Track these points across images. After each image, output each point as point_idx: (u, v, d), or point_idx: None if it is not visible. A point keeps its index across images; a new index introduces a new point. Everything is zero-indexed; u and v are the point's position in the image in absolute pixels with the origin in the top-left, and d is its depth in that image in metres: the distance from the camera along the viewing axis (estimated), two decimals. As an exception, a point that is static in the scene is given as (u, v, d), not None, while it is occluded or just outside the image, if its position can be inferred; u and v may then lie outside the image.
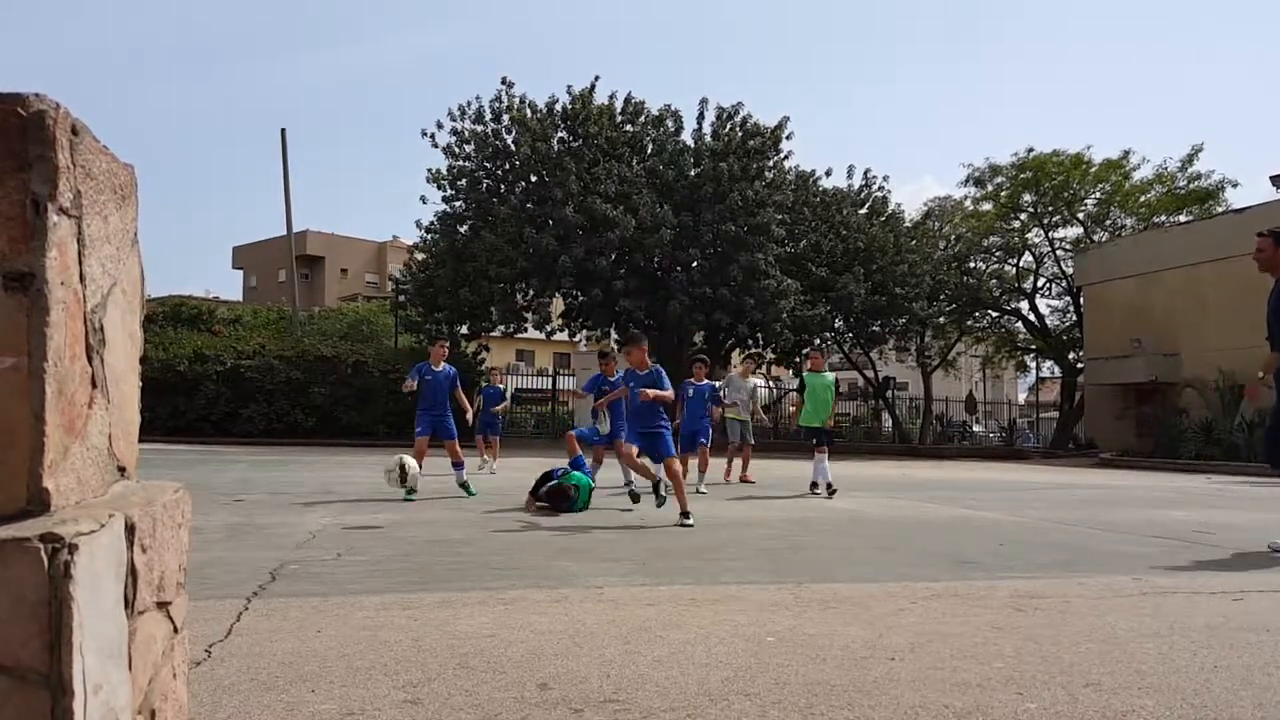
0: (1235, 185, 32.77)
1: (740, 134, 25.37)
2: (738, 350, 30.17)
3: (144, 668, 1.39)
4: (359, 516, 7.07)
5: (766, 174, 25.73)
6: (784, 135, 26.14)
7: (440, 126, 25.88)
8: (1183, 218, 31.39)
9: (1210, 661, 3.13)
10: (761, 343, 28.23)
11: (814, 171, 28.68)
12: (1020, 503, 10.51)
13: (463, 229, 26.42)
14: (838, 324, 29.99)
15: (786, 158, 26.93)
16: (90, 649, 1.17)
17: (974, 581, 4.76)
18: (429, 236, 26.94)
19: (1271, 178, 27.00)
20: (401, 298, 28.80)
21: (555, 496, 7.88)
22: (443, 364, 9.72)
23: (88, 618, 1.17)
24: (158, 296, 39.48)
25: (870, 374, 34.95)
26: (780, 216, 25.36)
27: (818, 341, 28.38)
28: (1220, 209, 30.55)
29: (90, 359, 1.37)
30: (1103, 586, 4.68)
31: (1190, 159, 31.81)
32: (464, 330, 27.00)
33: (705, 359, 12.41)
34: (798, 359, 31.00)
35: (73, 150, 1.30)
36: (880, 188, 30.00)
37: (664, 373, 7.82)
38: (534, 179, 25.71)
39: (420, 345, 26.72)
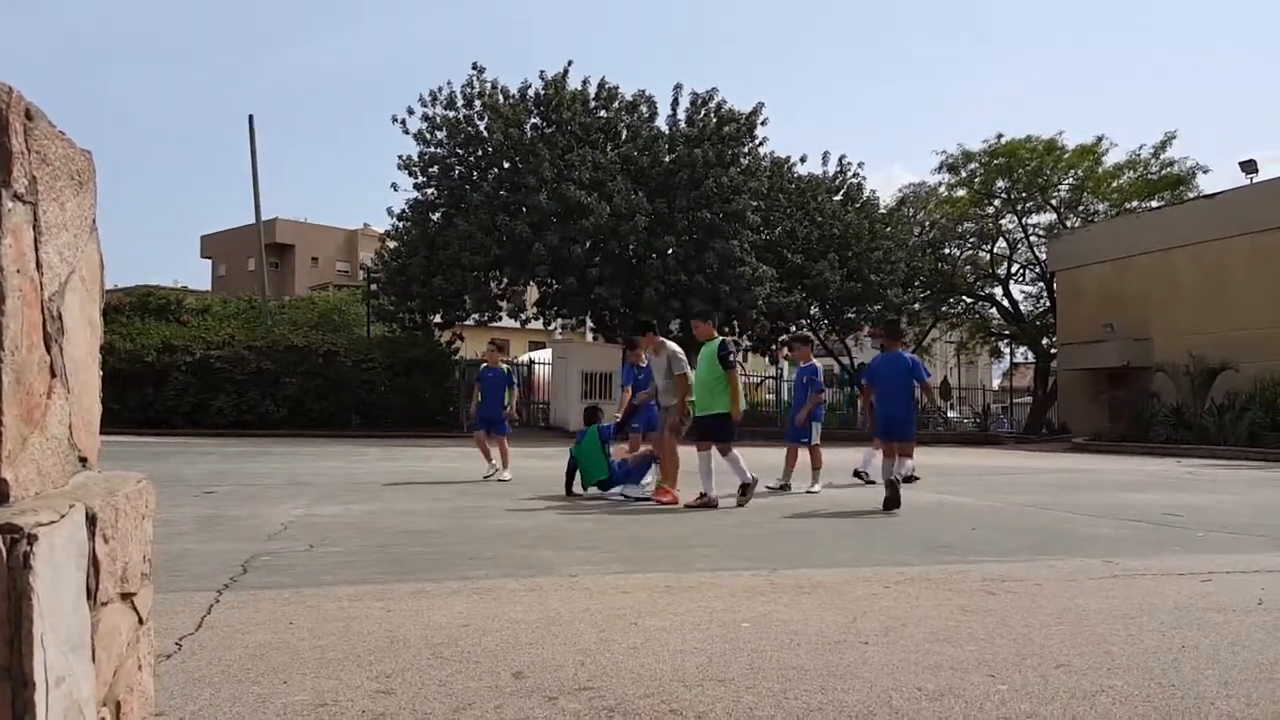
0: (1206, 171, 33.15)
1: (715, 120, 25.33)
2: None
3: (108, 659, 1.37)
4: (332, 507, 7.02)
5: (741, 160, 25.71)
6: (759, 121, 26.14)
7: (411, 113, 25.60)
8: (1155, 203, 31.78)
9: (1178, 642, 3.19)
10: (738, 330, 28.28)
11: (789, 158, 28.71)
12: (993, 487, 10.64)
13: (435, 216, 26.17)
14: (813, 311, 30.11)
15: (761, 144, 26.95)
16: (51, 641, 1.15)
17: (947, 566, 4.81)
18: (401, 224, 26.67)
19: (1241, 164, 27.34)
20: (373, 286, 28.48)
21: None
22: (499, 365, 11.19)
23: (48, 609, 1.14)
24: (124, 286, 38.88)
25: (846, 361, 35.16)
26: (755, 203, 25.37)
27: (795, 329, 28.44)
28: (1192, 195, 30.95)
29: (48, 348, 1.34)
30: (1073, 569, 4.75)
31: (1163, 145, 32.17)
32: (437, 319, 26.78)
33: (808, 336, 12.08)
34: (774, 346, 31.12)
35: (27, 135, 1.27)
36: (855, 174, 30.10)
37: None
38: (507, 165, 25.51)
39: (393, 334, 26.48)
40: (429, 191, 26.18)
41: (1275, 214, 23.31)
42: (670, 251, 24.58)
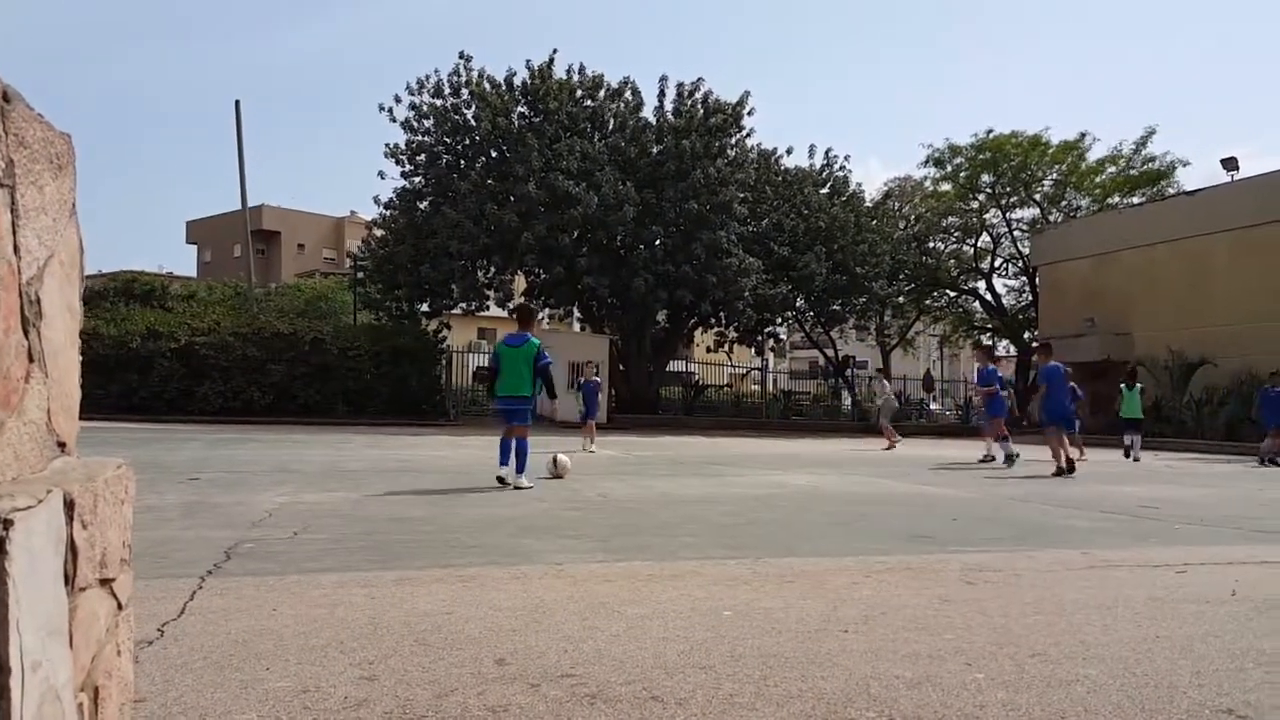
0: (1186, 165, 33.44)
1: (702, 111, 25.29)
2: (701, 329, 30.26)
3: (86, 645, 1.36)
4: (317, 495, 7.00)
5: (729, 152, 25.71)
6: (745, 112, 26.10)
7: (398, 101, 25.44)
8: (1136, 199, 32.01)
9: (1152, 632, 3.24)
10: (724, 321, 28.34)
11: (775, 150, 28.71)
12: (973, 479, 10.72)
13: (422, 205, 26.04)
14: (799, 303, 30.19)
15: (748, 135, 26.94)
16: (28, 626, 1.14)
17: (927, 555, 4.86)
18: (388, 212, 26.54)
19: (1222, 161, 27.57)
20: (360, 274, 28.34)
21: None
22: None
23: (25, 594, 1.14)
24: (108, 272, 38.53)
25: (830, 353, 35.29)
26: (742, 195, 25.37)
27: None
28: (1172, 190, 31.20)
29: (26, 332, 1.33)
30: (1051, 559, 4.80)
31: (1144, 141, 32.42)
32: (424, 307, 26.68)
33: (1049, 345, 13.95)
34: (760, 337, 31.17)
35: (4, 117, 1.26)
36: (842, 167, 30.15)
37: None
38: (495, 154, 25.40)
39: (380, 322, 26.35)
40: (416, 180, 26.05)
41: (1255, 211, 23.53)
42: (658, 242, 24.58)
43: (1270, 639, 3.15)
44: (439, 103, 25.28)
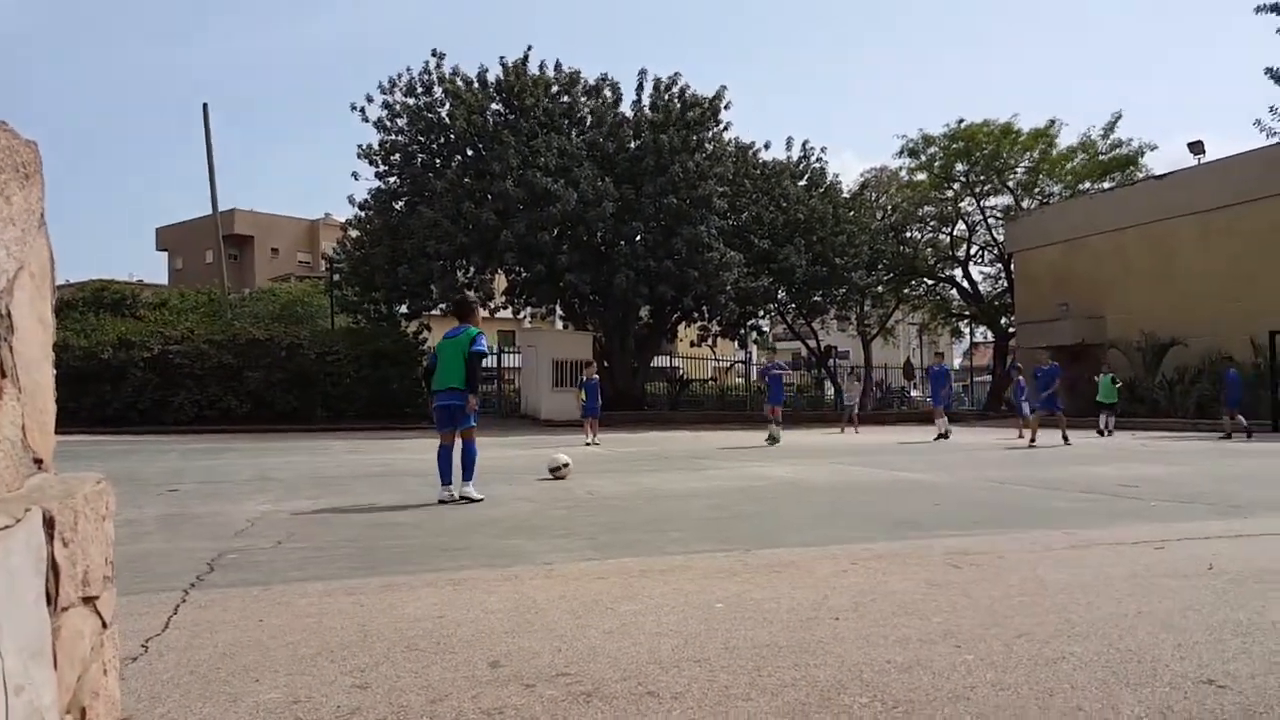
0: (1154, 149, 33.93)
1: (679, 105, 25.29)
2: (684, 324, 30.28)
3: (71, 665, 1.34)
4: (299, 502, 6.94)
5: (707, 146, 25.72)
6: (722, 105, 26.14)
7: (370, 100, 25.24)
8: (1106, 184, 32.37)
9: (1134, 608, 3.28)
10: (707, 315, 28.38)
11: (753, 143, 28.76)
12: (955, 463, 10.82)
13: (398, 205, 25.86)
14: (780, 295, 30.28)
15: (726, 129, 26.97)
16: (10, 649, 1.12)
17: (912, 541, 4.90)
18: (363, 213, 26.31)
19: (1189, 145, 27.94)
20: (336, 277, 28.09)
21: None
22: None
23: (6, 616, 1.12)
24: (77, 281, 37.95)
25: (813, 344, 35.45)
26: (721, 189, 25.40)
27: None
28: (1141, 175, 31.58)
29: (-2, 347, 1.31)
30: (1033, 541, 4.85)
31: (1111, 126, 32.82)
32: (403, 309, 26.51)
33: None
34: (742, 331, 31.25)
35: (-33, 127, 1.23)
36: (819, 160, 30.25)
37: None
38: (471, 153, 25.26)
39: (358, 325, 26.14)
40: (391, 180, 25.87)
41: (1222, 194, 23.87)
42: (639, 237, 24.56)
43: (1246, 610, 3.20)
44: (412, 101, 25.11)
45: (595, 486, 8.06)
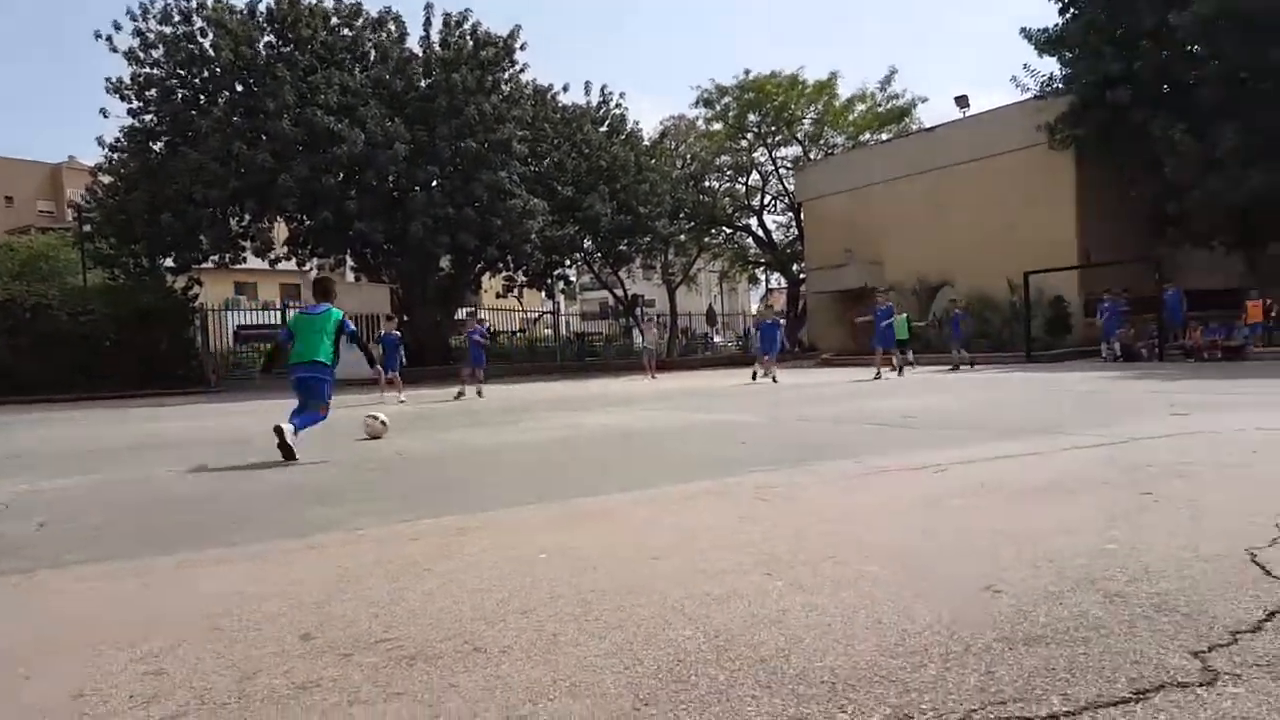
0: (925, 101, 37.06)
1: (471, 43, 24.36)
2: (488, 274, 29.68)
3: None
4: (62, 480, 6.20)
5: (503, 87, 25.00)
6: (517, 45, 25.47)
7: (119, 28, 22.36)
8: (884, 136, 34.89)
9: (920, 527, 3.61)
10: (512, 265, 27.96)
11: (551, 86, 28.34)
12: (758, 404, 11.43)
13: (158, 146, 23.28)
14: (587, 244, 30.36)
15: (523, 70, 26.34)
16: None
17: (724, 479, 5.12)
18: (116, 155, 23.46)
19: (955, 98, 30.54)
20: (87, 228, 24.93)
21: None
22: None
23: None
24: None
25: (619, 293, 35.98)
26: (521, 133, 24.87)
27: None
28: (914, 127, 34.29)
29: None
30: (833, 471, 5.23)
31: (888, 80, 35.34)
32: (169, 262, 24.05)
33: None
34: (549, 281, 31.14)
35: None
36: (618, 105, 30.33)
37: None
38: (240, 89, 23.05)
39: (117, 281, 23.51)
40: (148, 118, 23.21)
41: (984, 145, 26.39)
42: (435, 183, 23.61)
43: (1016, 521, 3.61)
44: (169, 30, 22.54)
45: (404, 446, 7.79)
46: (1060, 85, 23.48)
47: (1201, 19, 19.29)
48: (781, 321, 19.33)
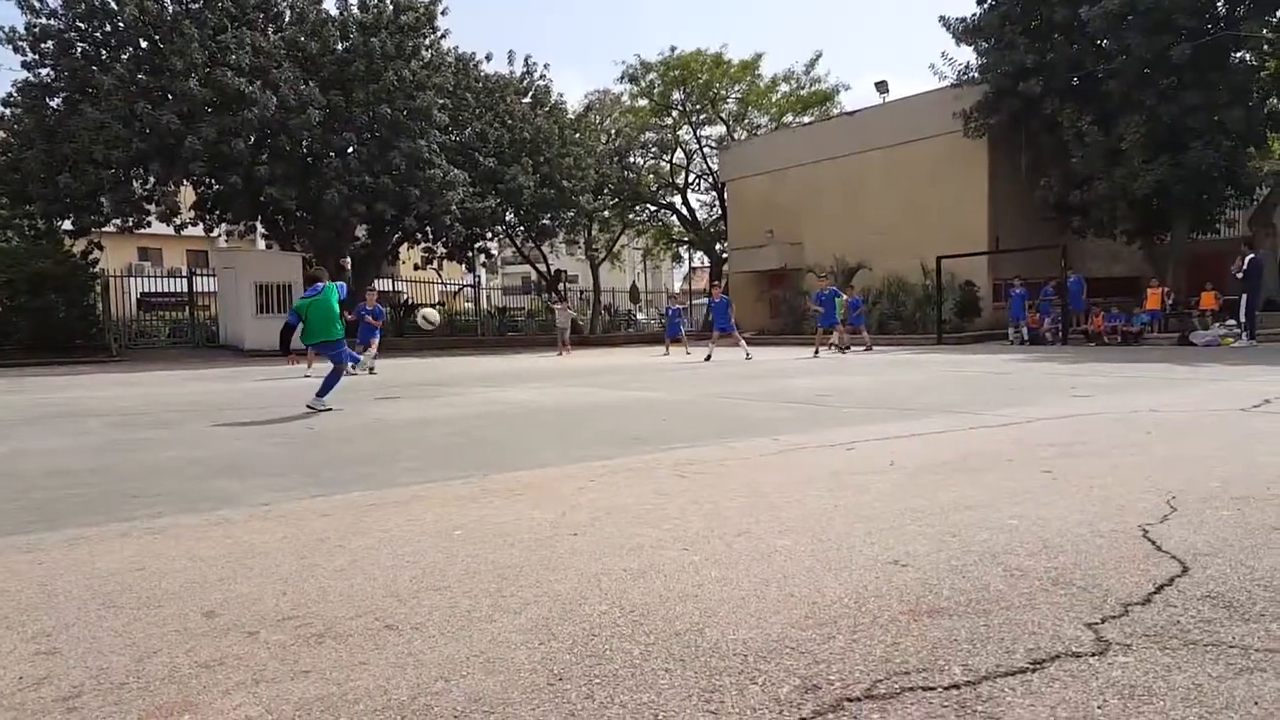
0: (848, 88, 37.78)
1: (391, 7, 23.64)
2: (407, 245, 29.00)
3: None
4: (-55, 452, 5.83)
5: (423, 54, 24.37)
6: (439, 11, 24.83)
7: (11, -30, 20.94)
8: (806, 119, 35.35)
9: (832, 502, 3.71)
10: (431, 236, 27.39)
11: (474, 55, 27.74)
12: (672, 382, 11.52)
13: (55, 102, 21.99)
14: (509, 217, 29.94)
15: (444, 37, 25.72)
16: None
17: (643, 455, 5.15)
18: (9, 111, 22.11)
19: (876, 84, 31.15)
20: (-23, 186, 23.41)
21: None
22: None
23: None
24: None
25: (542, 268, 35.66)
26: (442, 101, 24.30)
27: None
28: (836, 111, 34.84)
29: None
30: (749, 448, 5.31)
31: (812, 63, 35.82)
32: (67, 225, 22.79)
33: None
34: (470, 254, 30.63)
35: None
36: (542, 76, 29.90)
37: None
38: (145, 45, 21.91)
39: (9, 244, 22.16)
40: (44, 72, 21.87)
41: (902, 130, 27.00)
42: (351, 150, 22.91)
43: (921, 498, 3.74)
44: (66, -22, 21.20)
45: (315, 420, 7.58)
46: (976, 75, 24.16)
47: (1110, 14, 20.09)
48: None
